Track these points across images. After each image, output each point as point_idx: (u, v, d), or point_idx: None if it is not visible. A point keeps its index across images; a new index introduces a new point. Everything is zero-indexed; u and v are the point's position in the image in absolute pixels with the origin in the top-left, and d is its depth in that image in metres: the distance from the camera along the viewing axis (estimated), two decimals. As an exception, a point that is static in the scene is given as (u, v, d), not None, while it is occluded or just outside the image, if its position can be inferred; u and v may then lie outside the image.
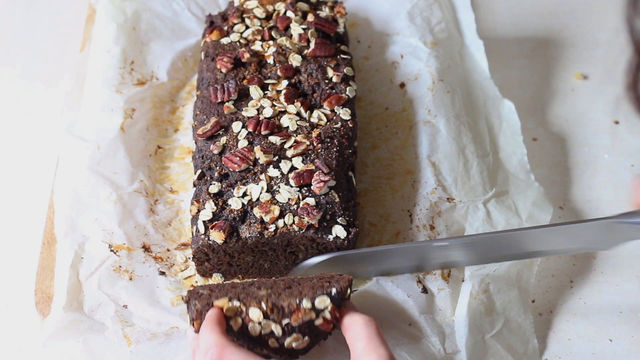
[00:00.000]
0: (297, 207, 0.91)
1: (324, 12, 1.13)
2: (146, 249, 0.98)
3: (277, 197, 0.92)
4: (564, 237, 0.91)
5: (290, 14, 1.10)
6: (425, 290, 0.94)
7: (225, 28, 1.11)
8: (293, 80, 1.04)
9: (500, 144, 1.11)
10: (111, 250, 0.97)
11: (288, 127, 0.98)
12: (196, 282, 0.96)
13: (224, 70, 1.05)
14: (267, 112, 0.99)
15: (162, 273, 0.96)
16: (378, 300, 0.94)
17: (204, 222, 0.92)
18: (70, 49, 1.21)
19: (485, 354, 0.91)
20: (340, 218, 0.92)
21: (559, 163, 1.13)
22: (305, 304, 0.81)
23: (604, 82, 1.24)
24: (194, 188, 0.97)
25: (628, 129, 1.18)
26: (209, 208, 0.92)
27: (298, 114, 1.00)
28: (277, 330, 0.81)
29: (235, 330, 0.82)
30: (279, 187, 0.93)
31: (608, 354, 0.94)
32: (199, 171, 0.97)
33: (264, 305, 0.81)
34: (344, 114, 1.01)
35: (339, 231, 0.91)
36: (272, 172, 0.94)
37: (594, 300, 0.99)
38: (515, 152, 1.10)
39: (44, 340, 0.90)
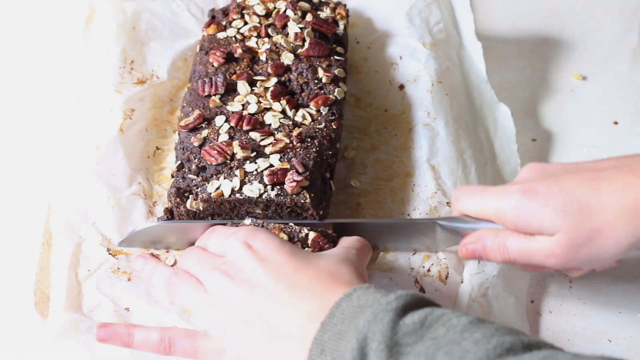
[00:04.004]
0: None
1: (325, 12, 1.12)
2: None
3: (248, 193, 0.91)
4: (397, 234, 0.93)
5: (289, 12, 1.10)
6: (422, 290, 0.94)
7: (224, 23, 1.11)
8: (283, 79, 1.04)
9: (496, 151, 1.11)
10: (109, 254, 0.97)
11: (270, 124, 0.98)
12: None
13: (215, 64, 1.05)
14: (252, 108, 0.99)
15: (161, 272, 0.96)
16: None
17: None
18: (70, 49, 1.20)
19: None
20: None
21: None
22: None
23: (604, 82, 1.24)
24: (172, 179, 0.97)
25: (628, 129, 1.18)
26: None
27: (283, 111, 1.00)
28: None
29: None
30: (251, 184, 0.92)
31: (607, 354, 0.94)
32: (178, 162, 0.97)
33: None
34: (329, 114, 1.01)
35: None
36: (249, 167, 0.93)
37: (593, 301, 0.99)
38: (509, 160, 1.10)
39: (46, 342, 0.90)
